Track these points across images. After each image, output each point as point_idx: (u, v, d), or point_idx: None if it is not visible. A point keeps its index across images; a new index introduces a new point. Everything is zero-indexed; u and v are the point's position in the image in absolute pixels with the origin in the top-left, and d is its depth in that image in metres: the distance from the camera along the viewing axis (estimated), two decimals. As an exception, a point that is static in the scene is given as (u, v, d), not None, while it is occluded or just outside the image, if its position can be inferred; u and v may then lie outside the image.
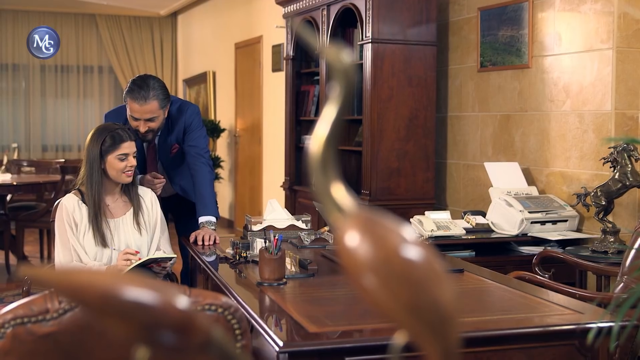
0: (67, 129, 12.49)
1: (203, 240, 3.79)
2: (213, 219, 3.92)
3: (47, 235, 7.34)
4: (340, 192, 0.81)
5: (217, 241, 3.81)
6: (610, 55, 4.27)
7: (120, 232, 3.43)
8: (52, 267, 3.57)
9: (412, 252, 0.73)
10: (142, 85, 3.74)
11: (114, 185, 3.45)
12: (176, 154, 4.03)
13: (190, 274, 4.05)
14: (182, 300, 0.82)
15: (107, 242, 3.37)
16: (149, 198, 3.57)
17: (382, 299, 0.73)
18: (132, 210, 3.48)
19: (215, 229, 3.90)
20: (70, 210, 3.36)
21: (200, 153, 3.98)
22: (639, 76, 4.29)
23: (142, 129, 3.77)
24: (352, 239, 0.74)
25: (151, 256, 3.35)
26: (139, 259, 3.29)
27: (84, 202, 3.38)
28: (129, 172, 3.41)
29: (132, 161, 3.40)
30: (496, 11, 5.14)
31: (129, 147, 3.39)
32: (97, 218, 3.35)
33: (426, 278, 0.73)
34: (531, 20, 4.83)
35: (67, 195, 3.45)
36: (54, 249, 3.41)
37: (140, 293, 0.80)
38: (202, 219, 3.90)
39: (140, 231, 3.46)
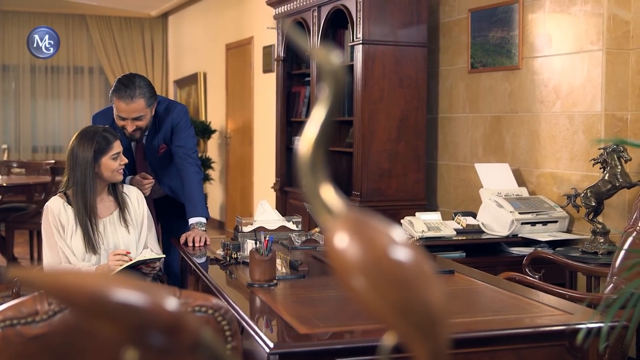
0: (58, 130, 12.46)
1: (194, 242, 3.78)
2: (203, 219, 3.90)
3: (37, 237, 7.32)
4: (329, 194, 0.81)
5: (207, 242, 3.80)
6: (600, 56, 4.29)
7: (108, 231, 3.43)
8: (42, 269, 3.56)
9: (402, 254, 0.74)
10: (128, 84, 3.71)
11: (103, 186, 3.45)
12: (164, 154, 4.02)
13: (181, 275, 4.04)
14: (172, 302, 0.82)
15: (97, 248, 3.36)
16: (134, 196, 3.57)
17: (371, 300, 0.73)
18: (118, 208, 3.48)
19: (205, 230, 3.89)
20: (56, 212, 3.35)
21: (188, 153, 3.96)
22: (629, 77, 4.30)
23: (130, 128, 3.75)
24: (342, 240, 0.74)
25: (140, 258, 3.34)
26: (130, 260, 3.28)
27: (70, 204, 3.37)
28: (121, 171, 3.44)
29: (124, 159, 3.44)
30: (486, 12, 5.15)
31: (119, 145, 3.42)
32: (91, 225, 3.34)
33: (415, 279, 0.73)
34: (521, 21, 4.84)
35: (53, 198, 3.44)
36: (42, 253, 3.41)
37: (129, 294, 0.80)
38: (192, 220, 3.88)
39: (128, 228, 3.46)
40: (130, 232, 3.47)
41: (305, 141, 0.81)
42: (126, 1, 11.13)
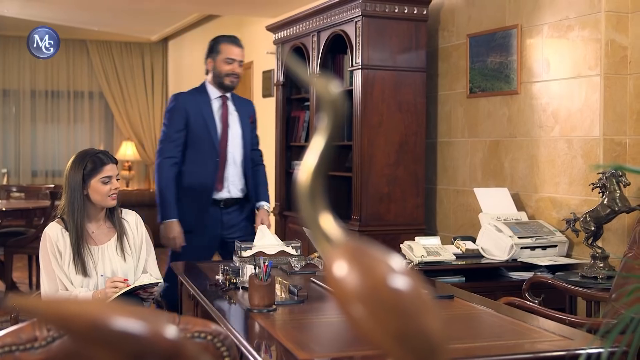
0: (57, 154, 12.47)
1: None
2: (268, 203, 4.78)
3: (36, 262, 7.28)
4: (328, 222, 0.81)
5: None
6: (598, 81, 4.31)
7: (106, 259, 3.39)
8: (40, 296, 3.55)
9: (400, 282, 0.74)
10: (233, 36, 4.67)
11: (98, 211, 3.42)
12: (247, 137, 4.73)
13: (180, 300, 4.03)
14: (171, 330, 0.82)
15: (88, 270, 3.33)
16: (133, 220, 3.54)
17: (370, 328, 0.73)
18: (116, 236, 3.45)
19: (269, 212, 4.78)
20: (54, 239, 3.32)
21: (260, 155, 4.96)
22: (627, 102, 4.32)
23: (238, 70, 4.55)
24: (341, 268, 0.75)
25: (137, 283, 3.32)
26: (128, 286, 3.26)
27: (67, 230, 3.35)
28: (114, 196, 3.39)
29: (116, 184, 3.39)
30: (485, 38, 5.18)
31: (112, 169, 3.38)
32: (79, 246, 3.32)
33: (414, 307, 0.73)
34: (520, 46, 4.87)
35: (51, 224, 3.40)
36: (40, 280, 3.39)
37: (129, 322, 0.80)
38: (262, 204, 4.73)
39: (125, 257, 3.42)
40: (128, 260, 3.44)
41: (305, 170, 0.82)
42: (126, 26, 11.18)
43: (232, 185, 4.62)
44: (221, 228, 4.59)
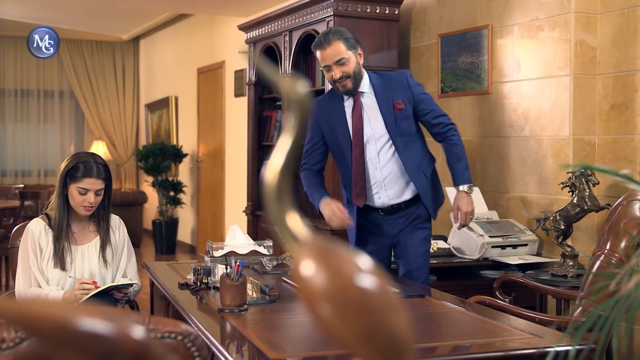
0: (27, 154, 12.35)
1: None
2: (467, 184, 4.00)
3: (5, 262, 7.22)
4: (295, 222, 0.81)
5: (472, 216, 3.90)
6: (568, 81, 4.35)
7: (85, 260, 3.37)
8: (9, 296, 3.52)
9: (367, 282, 0.74)
10: (324, 34, 3.89)
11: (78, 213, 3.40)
12: (403, 121, 3.92)
13: (151, 300, 4.01)
14: (138, 330, 0.82)
15: (66, 266, 3.31)
16: (116, 225, 3.51)
17: (337, 327, 0.73)
18: (98, 239, 3.42)
19: (470, 193, 3.99)
20: (37, 235, 3.31)
21: (447, 122, 4.02)
22: (596, 102, 4.36)
23: (337, 74, 3.82)
24: (308, 268, 0.75)
25: (111, 283, 3.31)
26: (97, 288, 3.24)
27: (51, 227, 3.33)
28: (88, 208, 3.34)
29: (91, 198, 3.32)
30: (456, 38, 5.20)
31: (92, 183, 3.31)
32: (59, 240, 3.30)
33: (381, 307, 0.73)
34: (490, 47, 4.90)
35: (34, 219, 3.39)
36: (16, 274, 3.36)
37: (95, 323, 0.79)
38: (461, 188, 3.99)
39: (106, 264, 3.40)
40: (108, 266, 3.42)
41: (271, 170, 0.82)
42: (97, 25, 11.09)
43: (383, 191, 3.94)
44: (384, 238, 3.98)
